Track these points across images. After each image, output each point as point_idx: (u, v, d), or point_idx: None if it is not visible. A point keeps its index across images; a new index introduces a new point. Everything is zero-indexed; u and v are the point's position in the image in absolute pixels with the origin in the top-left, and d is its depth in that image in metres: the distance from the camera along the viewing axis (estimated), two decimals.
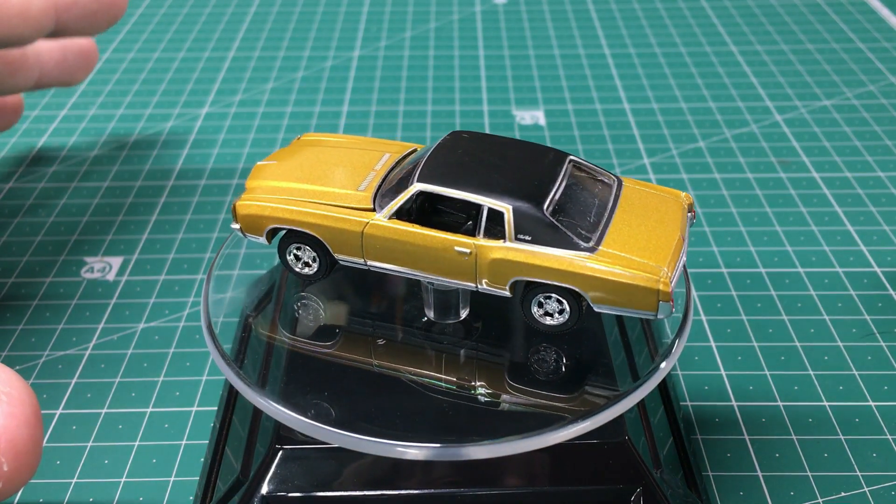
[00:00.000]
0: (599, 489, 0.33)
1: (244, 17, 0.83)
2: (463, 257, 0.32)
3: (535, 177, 0.33)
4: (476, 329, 0.36)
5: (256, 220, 0.35)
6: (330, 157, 0.37)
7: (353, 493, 0.33)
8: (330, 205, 0.34)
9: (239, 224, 0.35)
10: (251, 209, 0.35)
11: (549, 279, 0.32)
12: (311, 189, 0.35)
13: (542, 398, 0.34)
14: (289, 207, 0.34)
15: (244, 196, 0.35)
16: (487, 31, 0.80)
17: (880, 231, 0.52)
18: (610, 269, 0.31)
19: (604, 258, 0.31)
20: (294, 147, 0.38)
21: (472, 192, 0.32)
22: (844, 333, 0.45)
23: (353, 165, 0.36)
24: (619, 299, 0.31)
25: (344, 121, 0.65)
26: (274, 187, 0.35)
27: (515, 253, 0.32)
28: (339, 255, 0.34)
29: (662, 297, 0.31)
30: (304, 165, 0.36)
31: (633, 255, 0.31)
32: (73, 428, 0.40)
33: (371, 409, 0.33)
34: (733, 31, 0.79)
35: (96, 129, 0.64)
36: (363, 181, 0.35)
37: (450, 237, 0.32)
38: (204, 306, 0.35)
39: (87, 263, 0.50)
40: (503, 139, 0.35)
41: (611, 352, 0.36)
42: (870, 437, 0.39)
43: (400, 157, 0.36)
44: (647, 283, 0.31)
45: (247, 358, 0.38)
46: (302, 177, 0.35)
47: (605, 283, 0.31)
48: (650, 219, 0.33)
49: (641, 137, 0.62)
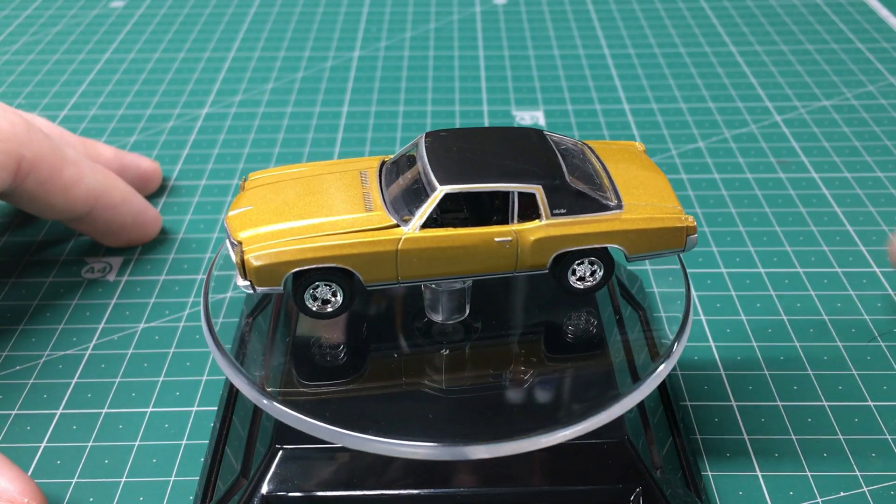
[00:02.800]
0: (599, 489, 0.33)
1: (244, 17, 0.83)
2: (504, 246, 0.33)
3: (538, 154, 0.34)
4: (476, 329, 0.36)
5: (275, 269, 0.32)
6: (306, 190, 0.34)
7: (353, 492, 0.33)
8: (353, 232, 0.32)
9: (250, 279, 0.32)
10: (268, 258, 0.31)
11: (591, 244, 0.33)
12: (318, 223, 0.32)
13: (543, 398, 0.34)
14: (311, 246, 0.32)
15: (248, 248, 0.32)
16: (487, 32, 0.80)
17: (880, 231, 0.52)
18: (644, 220, 0.33)
19: (633, 212, 0.34)
20: (256, 190, 0.35)
21: (497, 181, 0.32)
22: (844, 333, 0.45)
23: (338, 190, 0.34)
24: (654, 244, 0.34)
25: (344, 121, 0.65)
26: (276, 232, 0.32)
27: (556, 228, 0.33)
28: (370, 280, 0.33)
29: (690, 231, 0.34)
30: (288, 203, 0.34)
31: (652, 202, 0.34)
32: (74, 428, 0.40)
33: (371, 407, 0.33)
34: (733, 31, 0.79)
35: (97, 130, 0.64)
36: (364, 202, 0.33)
37: (489, 230, 0.32)
38: (204, 306, 0.35)
39: (88, 263, 0.51)
40: (480, 129, 0.36)
41: (611, 352, 0.36)
42: (869, 437, 0.39)
43: (377, 171, 0.35)
44: (677, 224, 0.34)
45: (247, 358, 0.38)
46: (297, 214, 0.33)
47: (643, 233, 0.33)
48: (637, 170, 0.36)
49: (641, 138, 0.62)
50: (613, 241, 0.33)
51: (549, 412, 0.33)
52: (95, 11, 0.85)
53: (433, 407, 0.33)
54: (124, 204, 0.49)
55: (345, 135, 0.63)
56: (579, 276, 0.35)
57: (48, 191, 0.45)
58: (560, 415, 0.33)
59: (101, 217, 0.49)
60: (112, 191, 0.49)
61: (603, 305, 0.39)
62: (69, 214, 0.48)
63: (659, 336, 0.39)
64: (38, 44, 0.78)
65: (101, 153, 0.53)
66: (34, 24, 0.82)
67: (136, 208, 0.50)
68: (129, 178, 0.53)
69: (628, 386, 0.33)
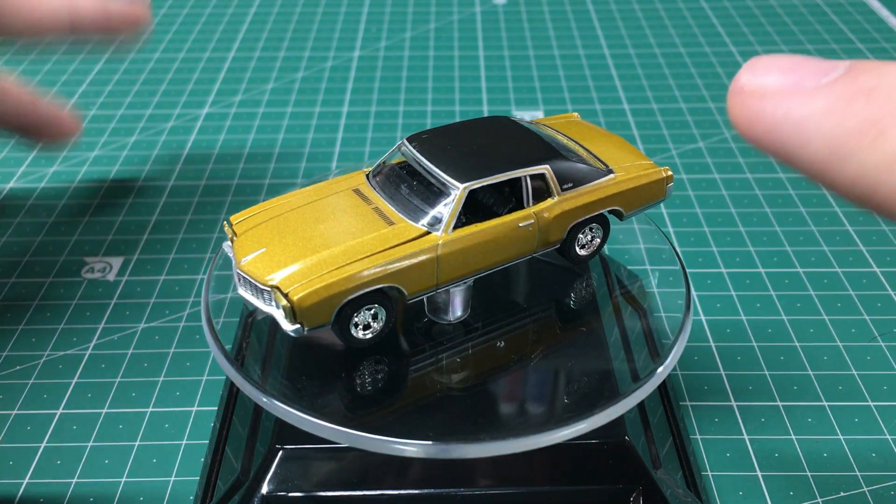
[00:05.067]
0: (599, 489, 0.33)
1: (244, 17, 0.83)
2: (528, 229, 0.34)
3: (524, 138, 0.35)
4: (476, 329, 0.36)
5: (326, 303, 0.30)
6: (313, 219, 0.33)
7: (354, 492, 0.33)
8: (388, 249, 0.31)
9: (300, 321, 0.30)
10: (317, 294, 0.30)
11: (599, 210, 0.36)
12: (348, 248, 0.31)
13: (543, 397, 0.34)
14: (357, 272, 0.30)
15: (291, 290, 0.30)
16: (487, 32, 0.80)
17: (879, 231, 0.52)
18: (635, 179, 0.36)
19: (622, 173, 0.36)
20: (255, 231, 0.33)
21: (509, 169, 0.33)
22: (843, 333, 0.45)
23: (346, 213, 0.33)
24: (644, 199, 0.37)
25: (344, 121, 0.65)
26: (310, 267, 0.31)
27: (568, 202, 0.35)
28: (413, 292, 0.32)
29: (669, 181, 0.37)
30: (304, 236, 0.32)
31: (630, 161, 0.37)
32: (74, 428, 0.40)
33: (372, 406, 0.33)
34: (733, 31, 0.79)
35: (97, 130, 0.64)
36: (380, 218, 0.33)
37: (512, 217, 0.33)
38: (204, 306, 0.35)
39: (88, 263, 0.51)
40: (456, 125, 0.37)
41: (611, 352, 0.36)
42: (869, 437, 0.39)
43: (366, 185, 0.35)
44: (659, 176, 0.37)
45: (247, 357, 0.38)
46: (320, 245, 0.31)
47: (636, 191, 0.36)
48: (598, 136, 0.39)
49: (641, 138, 0.62)
50: (615, 204, 0.36)
51: (548, 412, 0.33)
52: None
53: (433, 406, 0.33)
54: None
55: (345, 135, 0.63)
56: (582, 244, 0.37)
57: None
58: (560, 414, 0.33)
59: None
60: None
61: (603, 305, 0.39)
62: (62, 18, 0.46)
63: (659, 336, 0.39)
64: (38, 44, 0.78)
65: None
66: None
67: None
68: None
69: (628, 386, 0.33)
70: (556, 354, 0.36)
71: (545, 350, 0.36)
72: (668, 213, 0.54)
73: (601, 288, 0.40)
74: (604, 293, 0.40)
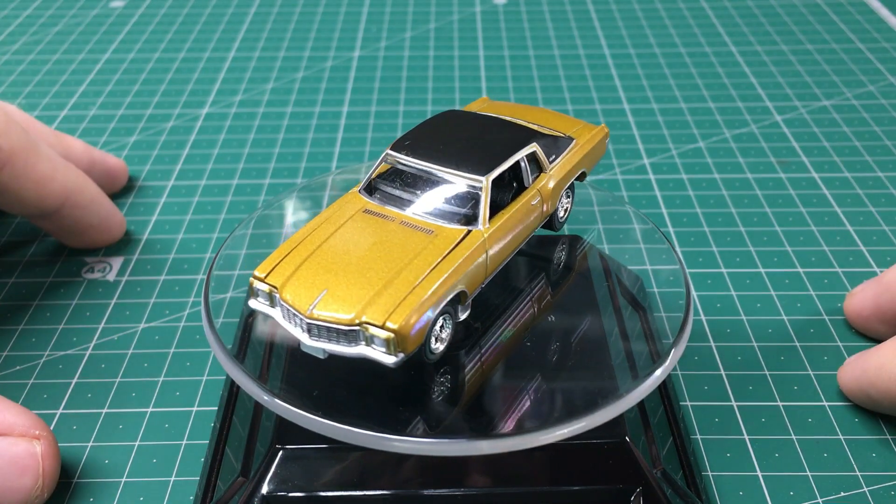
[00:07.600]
0: (599, 489, 0.33)
1: (244, 17, 0.83)
2: (539, 206, 0.37)
3: (496, 124, 0.38)
4: (476, 329, 0.36)
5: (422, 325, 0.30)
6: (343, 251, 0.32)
7: (354, 492, 0.33)
8: (449, 254, 0.32)
9: (402, 349, 0.29)
10: (412, 318, 0.29)
11: (575, 174, 0.39)
12: (409, 267, 0.31)
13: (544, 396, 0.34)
14: (435, 286, 0.30)
15: (387, 320, 0.29)
16: (487, 32, 0.80)
17: (880, 231, 0.52)
18: (589, 140, 0.40)
19: (579, 138, 0.40)
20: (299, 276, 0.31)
21: (510, 154, 0.35)
22: (844, 333, 0.45)
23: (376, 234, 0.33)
24: (597, 157, 0.42)
25: (344, 121, 0.65)
26: (390, 297, 0.30)
27: (558, 171, 0.38)
28: (472, 291, 0.33)
29: (607, 135, 0.42)
30: (358, 268, 0.31)
31: (571, 127, 0.41)
32: (74, 428, 0.40)
33: (372, 404, 0.33)
34: (733, 31, 0.79)
35: (97, 130, 0.64)
36: (414, 230, 0.33)
37: (526, 197, 0.36)
38: (205, 305, 0.35)
39: (88, 263, 0.51)
40: (426, 125, 0.38)
41: (611, 352, 0.36)
42: (869, 437, 0.39)
43: (372, 204, 0.35)
44: (602, 133, 0.42)
45: (247, 357, 0.38)
46: (379, 271, 0.31)
47: (592, 151, 0.41)
48: (527, 112, 0.42)
49: (641, 138, 0.62)
50: (584, 166, 0.40)
51: (548, 410, 0.33)
52: (95, 11, 0.85)
53: (433, 403, 0.33)
54: (92, 204, 0.49)
55: (345, 135, 0.63)
56: (566, 209, 0.40)
57: (21, 185, 0.45)
58: (560, 413, 0.33)
59: (69, 216, 0.48)
60: (83, 190, 0.48)
61: (603, 305, 0.39)
62: (38, 210, 0.47)
63: (659, 336, 0.39)
64: (38, 44, 0.78)
65: (71, 147, 0.53)
66: (34, 24, 0.82)
67: (103, 210, 0.50)
68: (96, 174, 0.53)
69: (628, 386, 0.33)
70: (557, 354, 0.36)
71: (545, 349, 0.36)
72: (668, 213, 0.54)
73: (601, 288, 0.40)
74: (604, 293, 0.40)
